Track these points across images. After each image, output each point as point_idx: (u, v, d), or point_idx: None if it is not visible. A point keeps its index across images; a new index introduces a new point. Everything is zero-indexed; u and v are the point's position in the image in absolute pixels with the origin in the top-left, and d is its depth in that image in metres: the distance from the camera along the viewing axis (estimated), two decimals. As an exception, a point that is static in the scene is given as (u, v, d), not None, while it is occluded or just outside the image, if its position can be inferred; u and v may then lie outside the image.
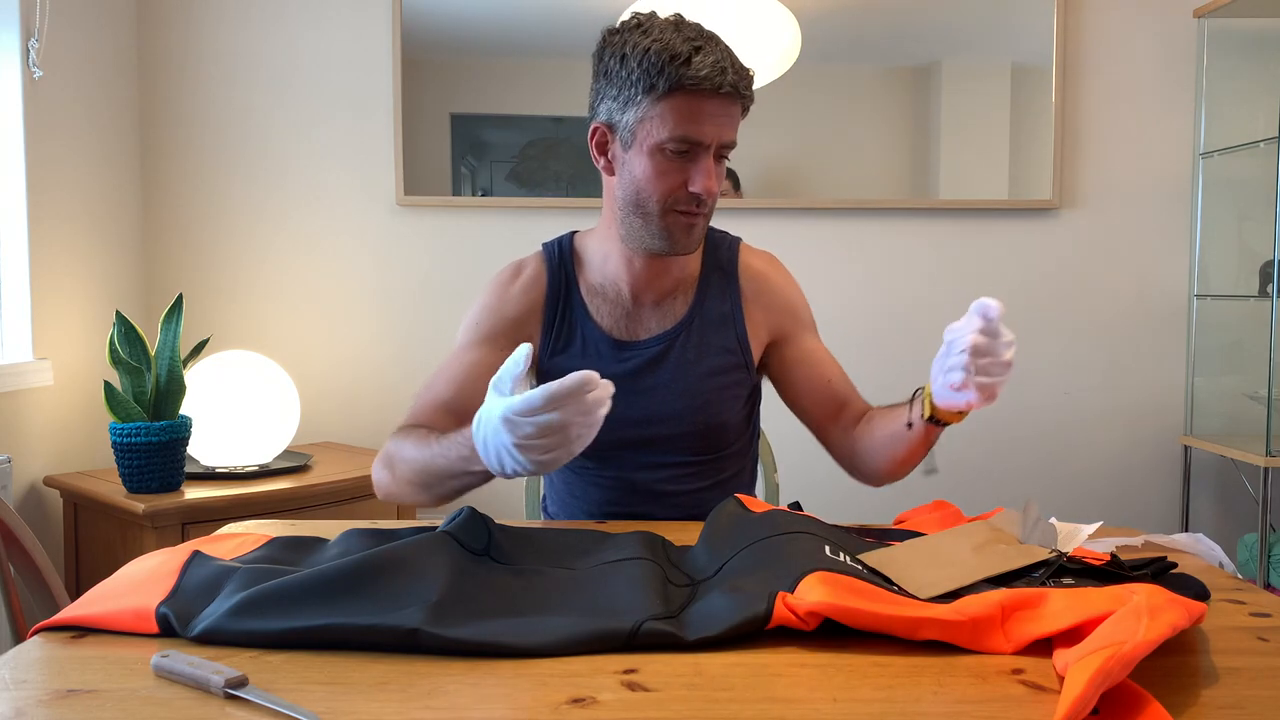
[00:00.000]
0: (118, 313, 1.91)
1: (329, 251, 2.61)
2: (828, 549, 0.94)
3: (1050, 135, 2.62)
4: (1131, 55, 2.65)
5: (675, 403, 1.34)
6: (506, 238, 2.62)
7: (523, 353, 0.96)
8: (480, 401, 1.01)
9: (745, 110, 1.26)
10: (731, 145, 1.24)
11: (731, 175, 2.62)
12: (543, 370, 1.36)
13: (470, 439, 1.02)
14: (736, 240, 1.43)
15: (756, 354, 1.39)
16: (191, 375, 2.06)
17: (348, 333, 2.63)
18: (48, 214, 2.17)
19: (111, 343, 1.89)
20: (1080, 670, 0.67)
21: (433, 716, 0.68)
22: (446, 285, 2.63)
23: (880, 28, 2.60)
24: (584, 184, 2.60)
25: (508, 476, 1.02)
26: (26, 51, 2.08)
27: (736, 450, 1.42)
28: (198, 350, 2.00)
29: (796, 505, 1.18)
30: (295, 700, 0.69)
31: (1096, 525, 1.06)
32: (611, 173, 1.29)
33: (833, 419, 1.37)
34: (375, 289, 2.62)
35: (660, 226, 1.25)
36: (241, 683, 0.70)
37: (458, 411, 1.28)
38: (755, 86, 1.27)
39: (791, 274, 1.46)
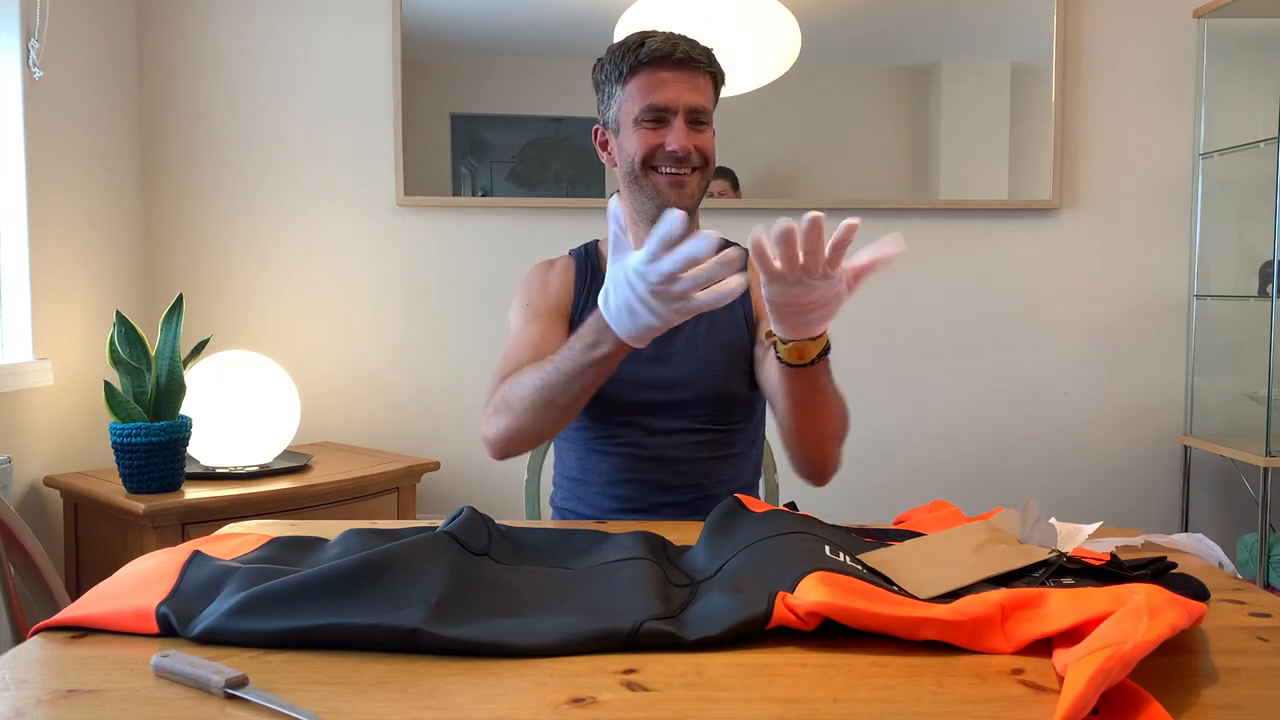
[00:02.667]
0: (118, 313, 1.91)
1: (329, 251, 2.61)
2: (828, 549, 0.94)
3: (1050, 135, 2.62)
4: (1131, 55, 2.65)
5: (690, 368, 1.43)
6: (506, 238, 2.62)
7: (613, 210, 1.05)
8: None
9: (716, 83, 1.41)
10: (700, 109, 1.37)
11: (730, 175, 2.61)
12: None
13: (593, 322, 1.14)
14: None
15: (761, 316, 1.48)
16: (191, 375, 2.06)
17: (348, 333, 2.64)
18: (48, 214, 2.17)
19: (111, 343, 1.89)
20: (1080, 670, 0.67)
21: (433, 716, 0.68)
22: (446, 285, 2.63)
23: (880, 28, 2.60)
24: (584, 184, 2.61)
25: (638, 340, 1.09)
26: (26, 51, 2.08)
27: (742, 427, 1.49)
28: (198, 350, 2.00)
29: (792, 505, 1.18)
30: (295, 700, 0.69)
31: (1096, 525, 1.06)
32: (614, 163, 1.44)
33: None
34: (375, 289, 2.62)
35: (651, 187, 1.39)
36: (241, 683, 0.70)
37: None
38: (755, 87, 1.33)
39: None
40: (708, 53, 1.39)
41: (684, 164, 1.37)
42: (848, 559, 0.93)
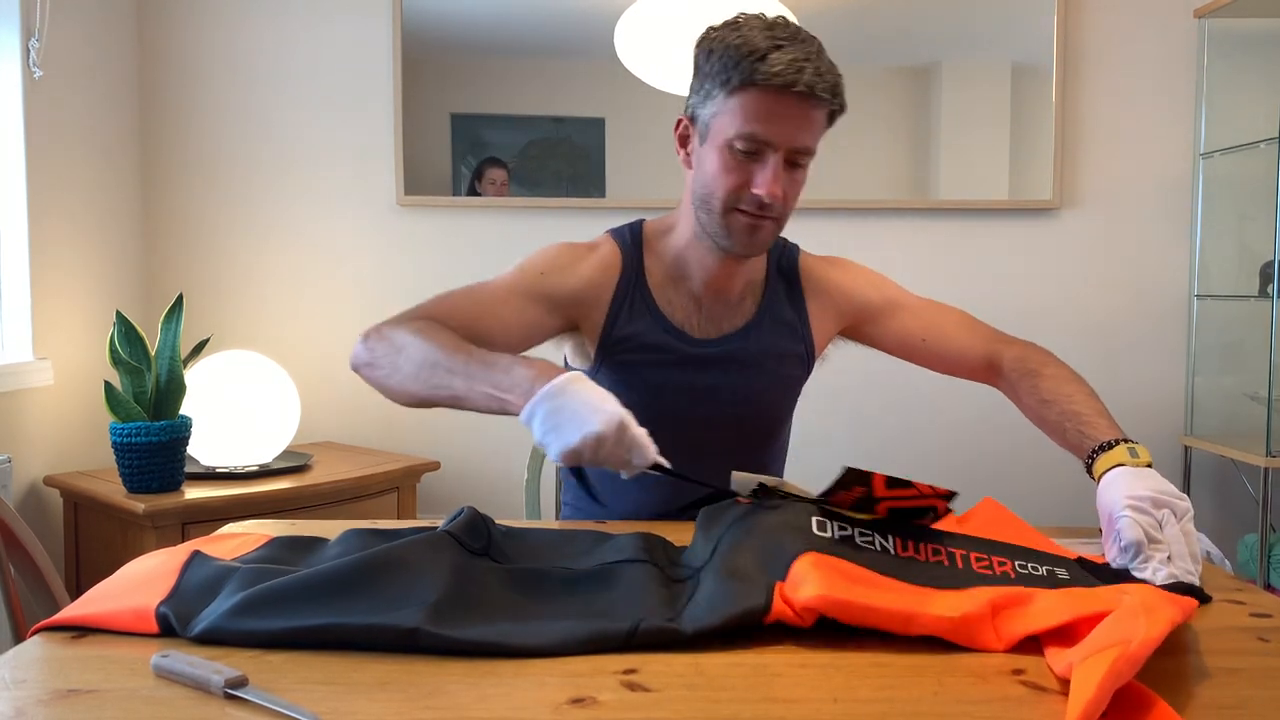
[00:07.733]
0: (118, 313, 1.91)
1: (329, 251, 2.61)
2: (814, 524, 0.94)
3: (1050, 135, 2.62)
4: (1131, 55, 2.65)
5: (736, 402, 1.35)
6: (506, 238, 2.62)
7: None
8: (499, 347, 1.14)
9: (832, 117, 1.23)
10: (806, 151, 1.22)
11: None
12: (608, 344, 1.33)
13: (524, 386, 1.03)
14: (795, 247, 1.46)
15: (820, 348, 1.44)
16: (191, 375, 2.06)
17: (348, 333, 2.63)
18: (48, 214, 2.17)
19: (111, 343, 1.89)
20: (1088, 671, 0.67)
21: (433, 716, 0.68)
22: (446, 285, 2.61)
23: (880, 28, 2.60)
24: (584, 184, 2.61)
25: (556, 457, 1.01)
26: (26, 51, 2.08)
27: (780, 440, 1.46)
28: (198, 350, 2.01)
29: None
30: (295, 700, 0.69)
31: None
32: (690, 166, 1.28)
33: (957, 368, 1.48)
34: (375, 289, 2.62)
35: (723, 225, 1.24)
36: (241, 683, 0.70)
37: (474, 341, 1.23)
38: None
39: (853, 263, 1.48)
40: (834, 85, 1.18)
41: (768, 210, 1.22)
42: (836, 533, 0.94)
